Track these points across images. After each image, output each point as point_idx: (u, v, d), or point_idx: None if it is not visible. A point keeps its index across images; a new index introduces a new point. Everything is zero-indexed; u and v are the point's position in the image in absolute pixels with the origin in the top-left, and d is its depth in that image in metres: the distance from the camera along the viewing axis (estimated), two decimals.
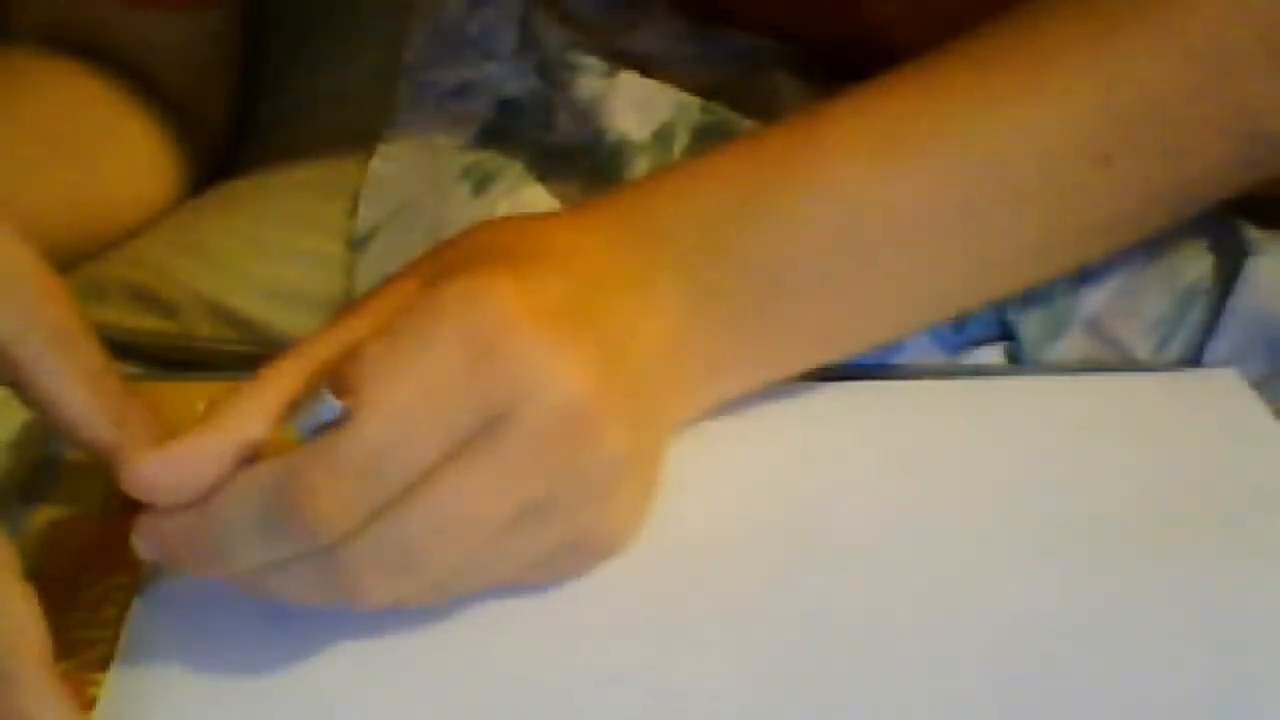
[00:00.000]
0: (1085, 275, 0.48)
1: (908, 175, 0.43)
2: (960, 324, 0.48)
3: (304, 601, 0.38)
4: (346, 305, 0.41)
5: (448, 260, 0.40)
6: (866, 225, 0.42)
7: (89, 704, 0.37)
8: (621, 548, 0.40)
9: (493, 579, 0.39)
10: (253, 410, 0.37)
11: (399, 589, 0.37)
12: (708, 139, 0.52)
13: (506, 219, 0.43)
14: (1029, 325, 0.48)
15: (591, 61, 0.54)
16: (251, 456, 0.37)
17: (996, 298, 0.46)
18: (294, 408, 0.37)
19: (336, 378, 0.37)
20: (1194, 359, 0.48)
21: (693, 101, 0.53)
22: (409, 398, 0.36)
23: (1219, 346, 0.47)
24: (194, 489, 0.37)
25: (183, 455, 0.37)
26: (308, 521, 0.36)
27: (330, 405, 0.36)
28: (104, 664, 0.39)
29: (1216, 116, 0.44)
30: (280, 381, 0.38)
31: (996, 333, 0.49)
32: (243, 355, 0.53)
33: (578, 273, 0.39)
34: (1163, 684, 0.37)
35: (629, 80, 0.54)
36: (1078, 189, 0.44)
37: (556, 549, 0.39)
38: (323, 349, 0.38)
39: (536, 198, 0.52)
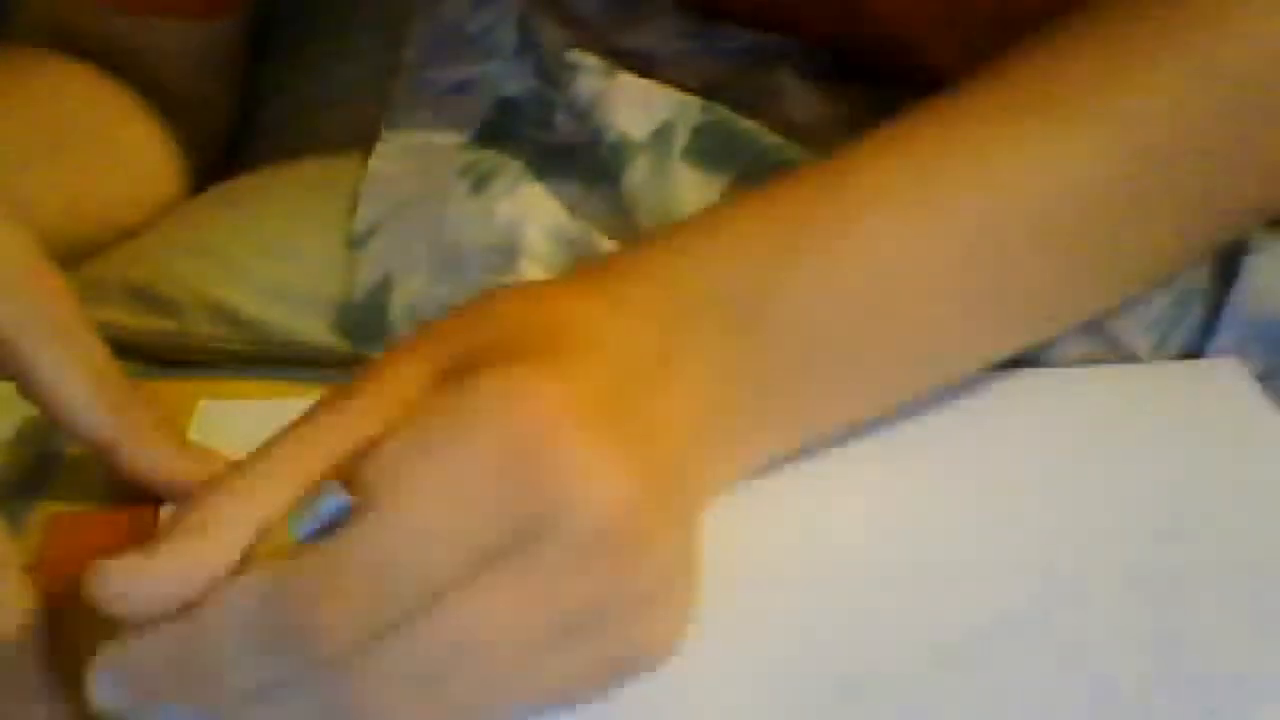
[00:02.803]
0: None
1: (940, 225, 0.41)
2: None
3: None
4: (340, 389, 0.36)
5: (469, 343, 0.37)
6: (898, 279, 0.41)
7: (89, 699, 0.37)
8: (670, 653, 0.37)
9: (525, 700, 0.35)
10: (242, 511, 0.34)
11: (415, 715, 0.33)
12: (708, 138, 0.52)
13: (525, 289, 0.40)
14: None
15: (591, 61, 0.54)
16: (242, 566, 0.33)
17: (1028, 345, 0.45)
18: (294, 506, 0.34)
19: (347, 474, 0.33)
20: (1194, 357, 0.48)
21: (693, 101, 0.53)
22: (433, 502, 0.33)
23: (1218, 345, 0.47)
24: (172, 604, 0.33)
25: (162, 564, 0.33)
26: (310, 636, 0.32)
27: (334, 500, 0.33)
28: None
29: (1249, 145, 0.43)
30: (275, 476, 0.34)
31: None
32: (242, 354, 0.53)
33: (610, 359, 0.37)
34: (1163, 675, 0.37)
35: (628, 80, 0.54)
36: (1112, 231, 0.43)
37: (599, 666, 0.35)
38: (324, 439, 0.35)
39: (535, 196, 0.52)
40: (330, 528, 0.33)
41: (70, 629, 0.39)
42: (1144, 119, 0.42)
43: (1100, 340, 0.48)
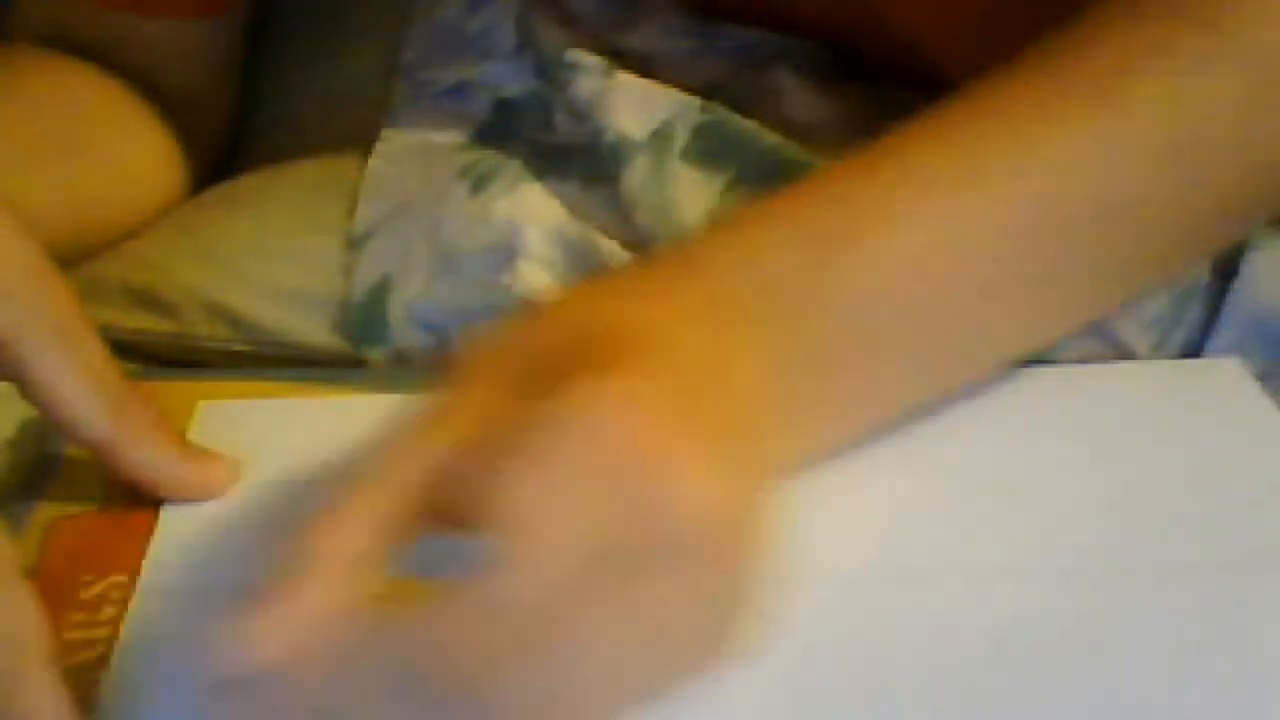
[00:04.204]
0: None
1: (994, 207, 0.41)
2: None
3: None
4: (415, 416, 0.36)
5: (535, 357, 0.36)
6: (952, 262, 0.41)
7: (89, 703, 0.37)
8: (748, 650, 0.37)
9: (627, 705, 0.35)
10: (339, 548, 0.34)
11: None
12: (707, 138, 0.52)
13: (578, 296, 0.40)
14: None
15: (590, 61, 0.54)
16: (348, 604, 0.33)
17: (1083, 324, 0.45)
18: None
19: (445, 506, 0.34)
20: (1193, 356, 0.48)
21: (692, 101, 0.53)
22: (562, 534, 0.33)
23: (1218, 343, 0.48)
24: (288, 653, 0.33)
25: (274, 620, 0.33)
26: (439, 672, 0.32)
27: (483, 546, 0.33)
28: (103, 663, 0.39)
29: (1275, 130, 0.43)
30: (367, 512, 0.34)
31: None
32: (242, 354, 0.53)
33: (676, 362, 0.36)
34: (1162, 676, 0.37)
35: (627, 80, 0.54)
36: (1152, 215, 0.42)
37: (693, 666, 0.35)
38: (405, 469, 0.35)
39: (534, 197, 0.53)
40: (446, 564, 0.33)
41: (70, 630, 0.39)
42: (1177, 100, 0.42)
43: (1100, 339, 0.48)
